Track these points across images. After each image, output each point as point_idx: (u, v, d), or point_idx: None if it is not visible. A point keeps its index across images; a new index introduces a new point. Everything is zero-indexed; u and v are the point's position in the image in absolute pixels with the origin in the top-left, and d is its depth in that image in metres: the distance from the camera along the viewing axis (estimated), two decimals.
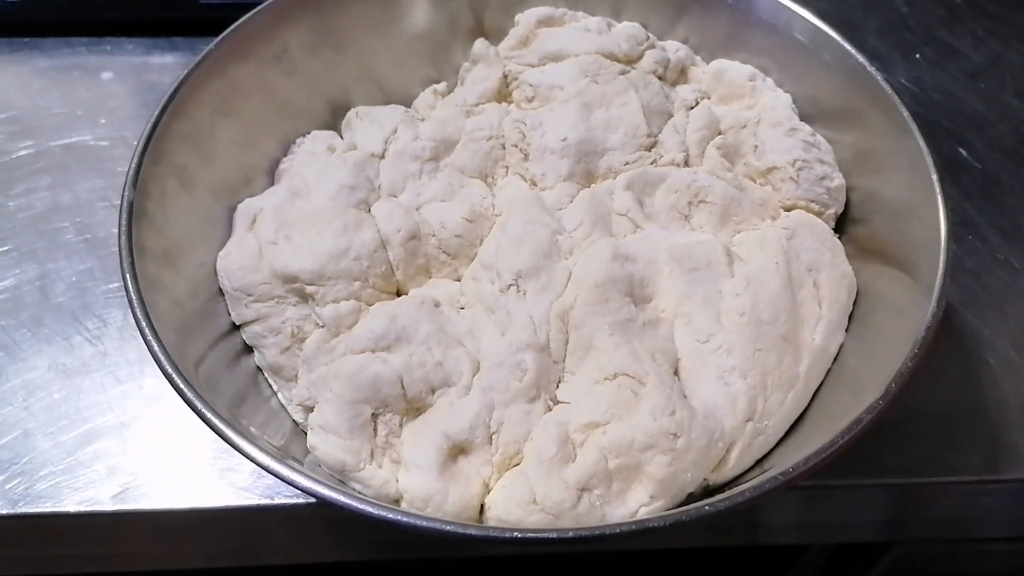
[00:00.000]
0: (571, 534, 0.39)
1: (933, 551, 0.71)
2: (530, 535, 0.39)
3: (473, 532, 0.39)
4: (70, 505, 0.54)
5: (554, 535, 0.39)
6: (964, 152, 0.74)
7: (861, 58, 0.56)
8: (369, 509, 0.39)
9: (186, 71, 0.54)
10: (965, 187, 0.72)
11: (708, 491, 0.48)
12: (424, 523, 0.39)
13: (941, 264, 0.47)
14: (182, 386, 0.42)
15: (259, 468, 0.41)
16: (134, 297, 0.44)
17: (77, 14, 0.80)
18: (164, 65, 0.80)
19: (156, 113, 0.51)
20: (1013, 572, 0.74)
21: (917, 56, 0.82)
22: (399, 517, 0.39)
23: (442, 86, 0.65)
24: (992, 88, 0.79)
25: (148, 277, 0.47)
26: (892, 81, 0.77)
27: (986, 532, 0.63)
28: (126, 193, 0.48)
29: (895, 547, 0.70)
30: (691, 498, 0.47)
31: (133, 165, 0.49)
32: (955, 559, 0.72)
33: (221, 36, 0.56)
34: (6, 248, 0.66)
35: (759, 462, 0.49)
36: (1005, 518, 0.61)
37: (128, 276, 0.45)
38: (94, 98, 0.77)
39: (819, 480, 0.56)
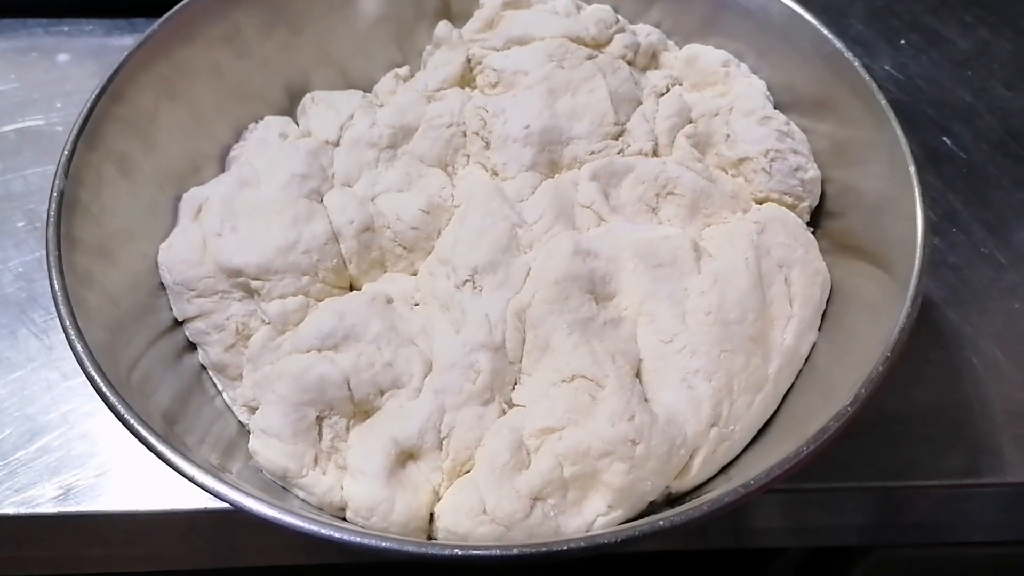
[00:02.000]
0: (515, 551, 0.36)
1: (912, 555, 0.69)
2: (472, 552, 0.37)
3: (410, 549, 0.37)
4: (10, 507, 0.52)
5: (497, 552, 0.36)
6: (949, 142, 0.72)
7: (839, 44, 0.54)
8: (302, 525, 0.36)
9: (126, 53, 0.51)
10: (949, 178, 0.70)
11: (671, 499, 0.46)
12: (358, 539, 0.36)
13: (916, 264, 0.45)
14: (107, 393, 0.39)
15: None
16: (59, 295, 0.42)
17: None
18: (124, 47, 0.75)
19: (92, 97, 0.49)
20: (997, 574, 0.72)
21: (903, 42, 0.80)
22: (331, 533, 0.36)
23: (404, 70, 0.62)
24: (979, 77, 0.77)
25: (78, 271, 0.44)
26: (876, 68, 0.76)
27: (967, 536, 0.62)
28: (56, 182, 0.46)
29: (874, 550, 0.68)
30: (653, 506, 0.45)
31: (65, 152, 0.47)
32: (935, 563, 0.70)
33: (165, 16, 0.53)
34: None
35: (724, 469, 0.47)
36: (987, 522, 0.60)
37: (54, 271, 0.43)
38: (50, 81, 0.74)
39: (797, 483, 0.54)
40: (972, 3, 0.83)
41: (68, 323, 0.41)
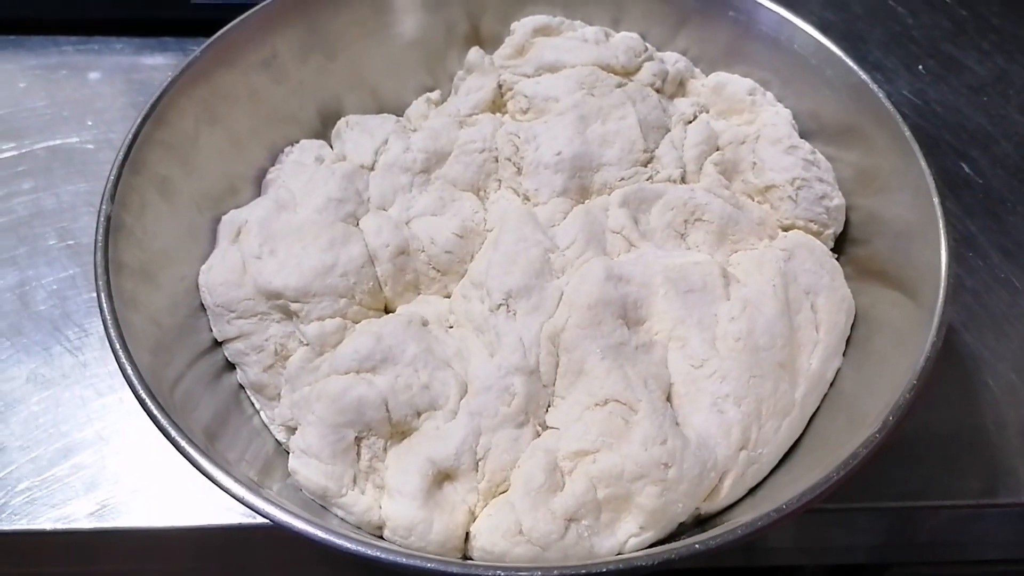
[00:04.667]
0: (556, 573, 0.37)
1: (928, 572, 0.70)
2: (513, 574, 0.38)
3: (455, 570, 0.38)
4: (46, 522, 0.52)
5: (539, 574, 0.37)
6: (967, 168, 0.73)
7: (864, 75, 0.55)
8: (347, 544, 0.37)
9: (169, 78, 0.52)
10: (967, 204, 0.71)
11: (700, 520, 0.47)
12: (403, 560, 0.38)
13: (941, 293, 0.46)
14: (156, 413, 0.40)
15: None
16: (109, 319, 0.43)
17: (64, 11, 0.78)
18: (154, 66, 0.79)
19: (137, 123, 0.50)
20: None
21: (921, 69, 0.81)
22: (379, 554, 0.37)
23: (435, 94, 0.63)
24: (996, 103, 0.78)
25: (124, 295, 0.45)
26: (895, 94, 0.77)
27: (983, 554, 0.62)
28: (104, 207, 0.47)
29: (890, 568, 0.69)
30: (682, 527, 0.46)
31: (112, 177, 0.48)
32: None
33: (207, 43, 0.54)
34: None
35: (752, 491, 0.48)
36: (1003, 541, 0.60)
37: (103, 295, 0.44)
38: (81, 99, 0.75)
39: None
40: (989, 30, 0.84)
41: (119, 346, 0.42)
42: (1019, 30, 0.85)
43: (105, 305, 0.44)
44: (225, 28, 0.55)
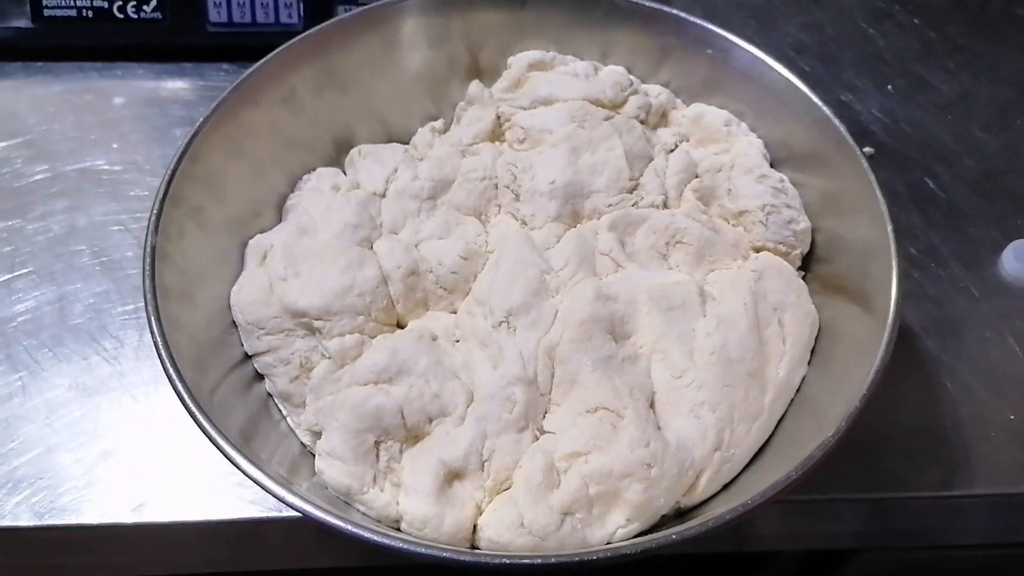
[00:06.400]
0: (553, 560, 0.44)
1: (895, 557, 0.75)
2: (517, 562, 0.44)
3: (466, 558, 0.44)
4: (92, 518, 0.58)
5: (538, 561, 0.44)
6: (931, 183, 0.78)
7: (827, 110, 0.60)
8: (375, 537, 0.43)
9: (201, 119, 0.57)
10: (931, 217, 0.76)
11: (680, 512, 0.53)
12: (422, 550, 0.44)
13: (891, 311, 0.51)
14: (204, 423, 0.46)
15: None
16: (160, 341, 0.48)
17: (88, 39, 0.83)
18: (174, 90, 0.83)
19: (174, 161, 0.55)
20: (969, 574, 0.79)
21: (890, 88, 0.85)
22: (399, 544, 0.43)
23: (439, 123, 0.68)
24: (960, 121, 0.83)
25: (170, 317, 0.51)
26: (865, 113, 0.82)
27: (943, 540, 0.67)
28: (149, 239, 0.52)
29: (862, 553, 0.75)
30: (664, 519, 0.52)
31: (155, 211, 0.53)
32: (915, 563, 0.76)
33: (233, 84, 0.59)
34: (26, 270, 0.69)
35: (726, 486, 0.53)
36: (960, 528, 0.66)
37: (153, 319, 0.49)
38: (106, 122, 0.80)
39: (795, 495, 0.60)
40: (955, 50, 0.89)
41: (169, 365, 0.47)
42: (984, 49, 0.89)
43: (155, 328, 0.49)
44: (248, 71, 0.60)
